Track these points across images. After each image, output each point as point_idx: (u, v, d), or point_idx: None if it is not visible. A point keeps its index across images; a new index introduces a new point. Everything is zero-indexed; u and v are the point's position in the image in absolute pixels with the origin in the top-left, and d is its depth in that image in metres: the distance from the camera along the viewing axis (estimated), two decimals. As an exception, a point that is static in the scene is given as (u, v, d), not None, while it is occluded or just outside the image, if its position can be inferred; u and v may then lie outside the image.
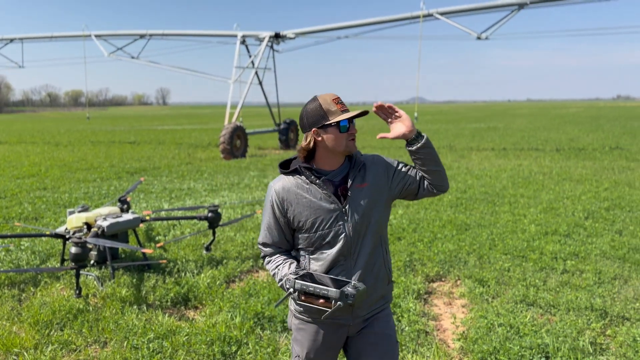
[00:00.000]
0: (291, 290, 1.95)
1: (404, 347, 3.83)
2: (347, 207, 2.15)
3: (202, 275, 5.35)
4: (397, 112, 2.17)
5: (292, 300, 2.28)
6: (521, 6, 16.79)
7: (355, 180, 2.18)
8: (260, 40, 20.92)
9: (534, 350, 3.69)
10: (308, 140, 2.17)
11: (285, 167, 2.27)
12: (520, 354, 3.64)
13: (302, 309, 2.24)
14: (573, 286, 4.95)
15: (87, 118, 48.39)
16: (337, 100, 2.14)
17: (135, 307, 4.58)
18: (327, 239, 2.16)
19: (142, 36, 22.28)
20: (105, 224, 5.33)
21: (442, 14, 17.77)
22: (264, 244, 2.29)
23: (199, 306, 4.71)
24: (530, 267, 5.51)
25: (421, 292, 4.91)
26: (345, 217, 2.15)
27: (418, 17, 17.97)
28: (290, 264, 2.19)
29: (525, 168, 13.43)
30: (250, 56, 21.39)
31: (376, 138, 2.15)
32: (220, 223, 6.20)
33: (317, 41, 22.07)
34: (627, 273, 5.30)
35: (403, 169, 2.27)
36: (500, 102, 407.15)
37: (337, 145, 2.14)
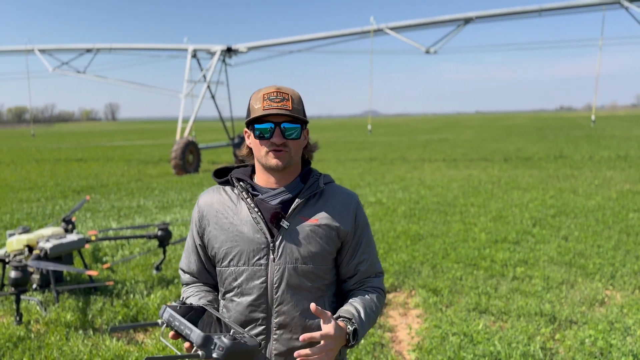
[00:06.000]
0: (158, 321, 1.42)
1: (360, 361, 3.80)
2: (278, 242, 1.54)
3: (152, 296, 5.17)
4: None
5: None
6: (467, 21, 17.36)
7: (301, 210, 1.58)
8: (212, 54, 20.73)
9: (487, 358, 3.74)
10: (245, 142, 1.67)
11: (221, 176, 1.72)
12: (474, 362, 3.68)
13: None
14: (523, 292, 5.07)
15: (31, 135, 46.51)
16: (269, 95, 1.52)
17: (81, 332, 4.37)
18: (239, 281, 1.56)
19: (88, 50, 21.64)
20: (48, 245, 5.08)
21: (391, 29, 18.16)
22: (182, 270, 1.77)
23: (149, 329, 4.54)
24: (481, 275, 5.61)
25: (376, 304, 4.90)
26: (272, 256, 1.54)
27: (369, 32, 18.29)
28: (201, 298, 1.62)
29: (475, 178, 13.79)
30: (201, 70, 21.17)
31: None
32: (171, 241, 6.03)
33: (270, 55, 22.12)
34: (573, 278, 5.48)
35: (359, 247, 1.66)
36: (450, 114, 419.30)
37: (257, 155, 1.59)
